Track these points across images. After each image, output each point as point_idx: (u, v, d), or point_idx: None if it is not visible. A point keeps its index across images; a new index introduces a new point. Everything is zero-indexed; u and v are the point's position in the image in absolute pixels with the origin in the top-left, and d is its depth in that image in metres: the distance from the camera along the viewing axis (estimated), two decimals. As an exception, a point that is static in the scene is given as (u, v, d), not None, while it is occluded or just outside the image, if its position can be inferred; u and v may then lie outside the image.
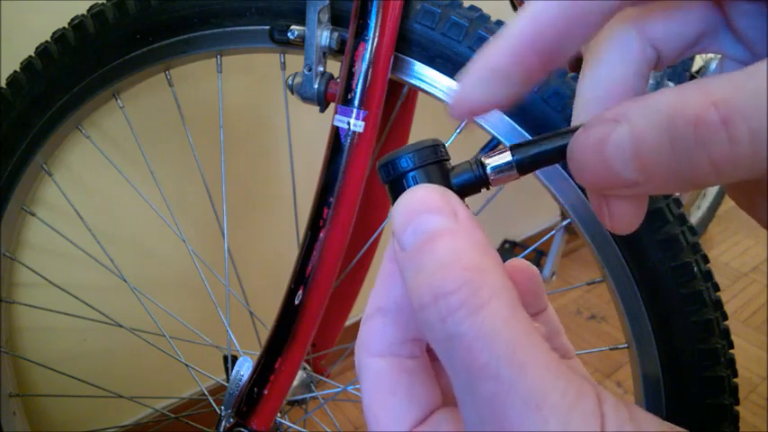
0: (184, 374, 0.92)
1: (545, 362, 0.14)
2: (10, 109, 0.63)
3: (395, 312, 0.19)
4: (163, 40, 0.58)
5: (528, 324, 0.15)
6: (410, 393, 0.18)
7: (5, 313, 0.79)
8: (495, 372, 0.14)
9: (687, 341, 0.48)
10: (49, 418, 0.89)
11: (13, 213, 0.71)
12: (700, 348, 0.48)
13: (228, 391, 0.59)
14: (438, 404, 0.19)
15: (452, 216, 0.16)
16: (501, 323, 0.14)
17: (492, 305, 0.15)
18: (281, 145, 0.95)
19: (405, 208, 0.17)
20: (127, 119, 0.69)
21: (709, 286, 0.48)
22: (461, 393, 0.15)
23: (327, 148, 0.50)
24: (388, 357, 0.19)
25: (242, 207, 0.96)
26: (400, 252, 0.17)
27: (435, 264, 0.15)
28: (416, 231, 0.16)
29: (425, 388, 0.19)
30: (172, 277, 0.93)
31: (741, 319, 1.32)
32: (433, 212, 0.16)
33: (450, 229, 0.16)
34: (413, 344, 0.19)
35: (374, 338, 0.19)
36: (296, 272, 0.52)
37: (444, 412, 0.18)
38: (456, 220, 0.16)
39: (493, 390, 0.14)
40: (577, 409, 0.14)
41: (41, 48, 0.61)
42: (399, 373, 0.18)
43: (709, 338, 0.48)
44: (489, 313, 0.15)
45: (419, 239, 0.16)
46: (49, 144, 0.66)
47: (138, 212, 0.84)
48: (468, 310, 0.15)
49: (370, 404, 0.18)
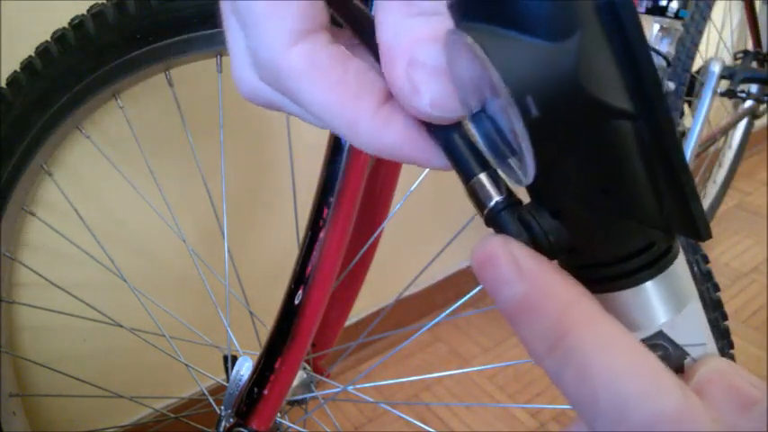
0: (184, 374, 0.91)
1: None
2: (10, 109, 0.63)
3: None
4: (163, 40, 0.58)
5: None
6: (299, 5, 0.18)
7: (5, 313, 0.79)
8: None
9: (687, 341, 0.48)
10: (49, 418, 0.89)
11: (13, 213, 0.71)
12: (700, 348, 0.48)
13: (228, 391, 0.59)
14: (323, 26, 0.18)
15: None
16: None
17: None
18: (281, 145, 0.95)
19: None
20: (127, 119, 0.69)
21: (709, 286, 0.48)
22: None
23: (327, 148, 0.50)
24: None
25: (242, 207, 0.96)
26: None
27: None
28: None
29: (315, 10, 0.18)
30: (172, 277, 0.93)
31: (741, 319, 1.32)
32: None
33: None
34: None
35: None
36: (296, 272, 0.52)
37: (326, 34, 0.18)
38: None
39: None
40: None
41: (41, 48, 0.61)
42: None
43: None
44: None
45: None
46: (49, 144, 0.66)
47: (138, 212, 0.84)
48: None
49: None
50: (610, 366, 0.15)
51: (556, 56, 0.15)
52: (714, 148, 1.45)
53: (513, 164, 0.18)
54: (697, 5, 1.03)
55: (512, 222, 0.18)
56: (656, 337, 0.19)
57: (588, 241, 0.18)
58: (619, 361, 0.15)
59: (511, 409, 1.13)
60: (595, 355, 0.15)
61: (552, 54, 0.15)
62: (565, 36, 0.15)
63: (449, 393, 1.18)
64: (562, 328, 0.15)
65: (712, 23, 1.30)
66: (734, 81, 1.15)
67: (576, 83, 0.15)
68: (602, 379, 0.15)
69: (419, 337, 1.24)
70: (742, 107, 1.41)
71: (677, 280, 0.19)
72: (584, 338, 0.15)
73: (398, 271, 1.05)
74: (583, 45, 0.15)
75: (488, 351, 1.27)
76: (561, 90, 0.15)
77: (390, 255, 0.95)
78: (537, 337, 0.16)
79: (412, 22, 0.17)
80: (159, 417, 0.98)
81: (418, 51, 0.17)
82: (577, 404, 0.15)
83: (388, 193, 0.62)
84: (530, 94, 0.15)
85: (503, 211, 0.18)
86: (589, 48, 0.15)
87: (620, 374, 0.15)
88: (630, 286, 0.19)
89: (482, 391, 1.18)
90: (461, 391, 1.18)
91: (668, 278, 0.19)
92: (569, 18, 0.15)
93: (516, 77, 0.15)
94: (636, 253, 0.18)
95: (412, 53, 0.17)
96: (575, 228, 0.18)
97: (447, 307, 0.66)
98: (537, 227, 0.18)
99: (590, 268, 0.19)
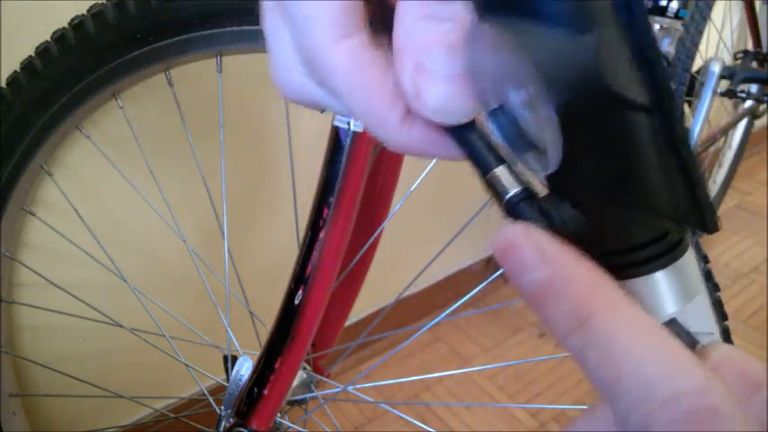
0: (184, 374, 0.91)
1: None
2: (10, 109, 0.63)
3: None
4: (163, 40, 0.58)
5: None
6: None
7: (5, 313, 0.79)
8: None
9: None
10: (49, 418, 0.89)
11: (13, 213, 0.71)
12: (700, 348, 0.48)
13: (228, 391, 0.59)
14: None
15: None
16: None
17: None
18: (281, 145, 0.95)
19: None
20: (127, 119, 0.69)
21: (710, 286, 0.48)
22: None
23: (327, 148, 0.50)
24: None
25: (242, 207, 0.96)
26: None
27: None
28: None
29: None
30: (172, 277, 0.93)
31: (741, 319, 1.32)
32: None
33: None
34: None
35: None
36: (296, 272, 0.52)
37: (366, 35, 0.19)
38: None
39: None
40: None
41: (41, 48, 0.61)
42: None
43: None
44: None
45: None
46: (49, 144, 0.66)
47: (138, 212, 0.84)
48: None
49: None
50: (633, 347, 0.15)
51: (578, 48, 0.16)
52: (714, 148, 1.45)
53: (531, 157, 0.18)
54: (697, 5, 1.03)
55: (531, 212, 0.18)
56: (670, 325, 0.20)
57: (604, 230, 0.19)
58: (642, 342, 0.16)
59: (511, 409, 1.13)
60: (619, 336, 0.16)
61: (575, 46, 0.16)
62: (586, 30, 0.16)
63: (449, 393, 1.18)
64: (586, 311, 0.16)
65: (712, 23, 1.30)
66: (734, 81, 1.15)
67: (596, 75, 0.16)
68: (626, 359, 0.15)
69: (419, 337, 1.24)
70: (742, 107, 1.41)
71: (688, 271, 0.20)
72: (607, 320, 0.16)
73: (398, 271, 1.05)
74: (602, 39, 0.16)
75: (488, 351, 1.27)
76: (583, 81, 0.16)
77: (390, 255, 0.95)
78: (561, 318, 0.16)
79: (423, 26, 0.18)
80: (159, 417, 0.98)
81: (425, 56, 0.17)
82: (601, 383, 0.16)
83: (388, 193, 0.62)
84: (555, 84, 0.16)
85: (521, 202, 0.18)
86: (607, 43, 0.16)
87: (643, 355, 0.15)
88: (643, 275, 0.19)
89: (482, 391, 1.18)
90: (461, 391, 1.18)
91: (679, 269, 0.19)
92: (590, 12, 0.16)
93: (545, 68, 0.16)
94: (650, 242, 0.19)
95: (419, 57, 0.17)
96: (591, 217, 0.18)
97: (447, 307, 0.66)
98: (557, 215, 0.18)
99: (605, 256, 0.19)
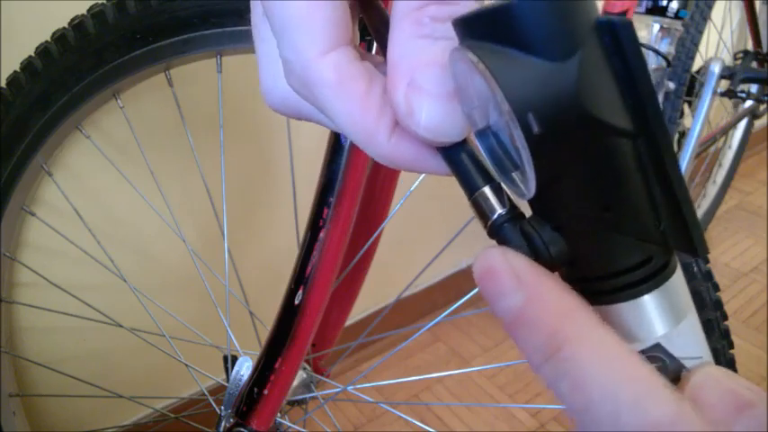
0: (184, 374, 0.91)
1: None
2: (10, 109, 0.63)
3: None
4: (163, 40, 0.58)
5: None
6: (334, 17, 0.18)
7: (5, 313, 0.79)
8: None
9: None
10: (49, 418, 0.89)
11: (13, 213, 0.71)
12: (700, 348, 0.48)
13: (228, 391, 0.59)
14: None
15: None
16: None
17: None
18: (281, 145, 0.95)
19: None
20: (127, 119, 0.69)
21: (710, 286, 0.48)
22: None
23: (327, 148, 0.50)
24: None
25: (242, 207, 0.96)
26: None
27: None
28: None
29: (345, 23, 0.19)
30: (172, 277, 0.93)
31: (741, 319, 1.32)
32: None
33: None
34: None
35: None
36: (296, 272, 0.52)
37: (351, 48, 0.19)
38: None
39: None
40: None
41: (41, 48, 0.61)
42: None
43: (710, 338, 0.48)
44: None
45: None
46: (49, 144, 0.66)
47: (138, 212, 0.84)
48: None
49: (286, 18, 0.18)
50: (603, 376, 0.15)
51: (557, 75, 0.15)
52: (714, 148, 1.45)
53: (516, 178, 0.18)
54: (697, 5, 1.03)
55: (514, 234, 0.18)
56: (654, 350, 0.20)
57: (587, 255, 0.19)
58: (612, 370, 0.15)
59: (511, 409, 1.13)
60: (589, 365, 0.15)
61: (553, 73, 0.15)
62: (566, 56, 0.15)
63: (449, 393, 1.18)
64: (557, 340, 0.16)
65: (712, 23, 1.30)
66: (734, 81, 1.15)
67: (576, 102, 0.15)
68: (595, 388, 0.15)
69: (419, 337, 1.24)
70: (742, 107, 1.41)
71: (675, 294, 0.19)
72: (578, 350, 0.16)
73: (398, 271, 1.05)
74: (583, 65, 0.15)
75: (488, 351, 1.27)
76: (562, 109, 0.15)
77: (390, 255, 0.95)
78: (534, 348, 0.16)
79: (418, 44, 0.18)
80: (159, 417, 0.99)
81: (419, 75, 0.17)
82: (573, 413, 0.16)
83: (388, 193, 0.62)
84: (531, 111, 0.15)
85: (505, 224, 0.18)
86: (589, 68, 0.15)
87: (613, 383, 0.15)
88: (628, 299, 0.19)
89: (482, 391, 1.18)
90: (461, 391, 1.18)
91: (666, 292, 0.19)
92: (570, 39, 0.15)
93: (518, 95, 0.15)
94: (634, 267, 0.18)
95: (413, 75, 0.17)
96: (574, 241, 0.18)
97: (447, 307, 0.66)
98: (538, 239, 0.18)
99: (588, 281, 0.19)
